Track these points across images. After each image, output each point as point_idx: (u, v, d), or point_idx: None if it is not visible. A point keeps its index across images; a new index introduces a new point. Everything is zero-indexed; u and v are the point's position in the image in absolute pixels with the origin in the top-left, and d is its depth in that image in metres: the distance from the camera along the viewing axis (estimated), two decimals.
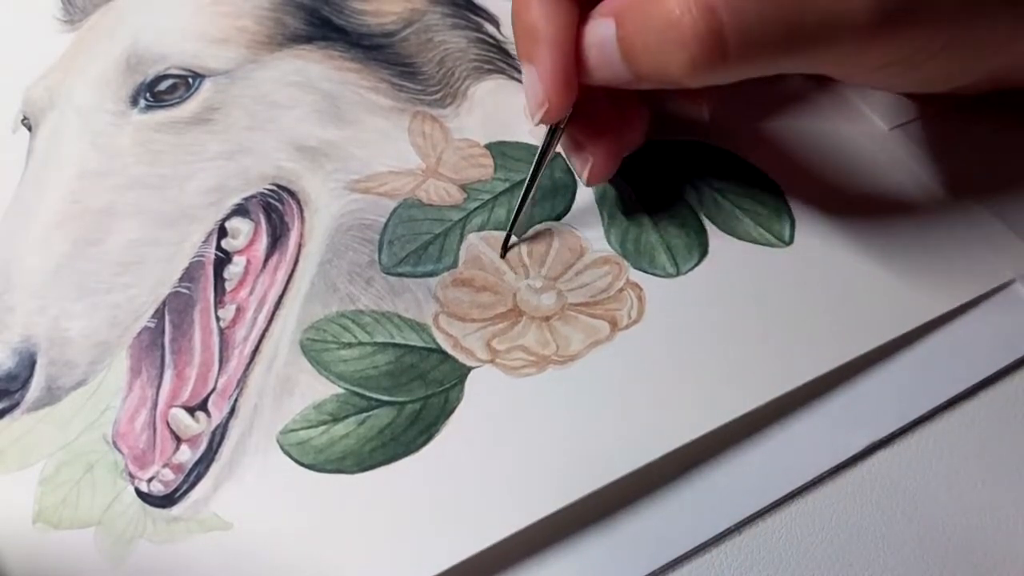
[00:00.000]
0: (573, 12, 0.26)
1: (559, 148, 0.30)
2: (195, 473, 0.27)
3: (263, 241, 0.31)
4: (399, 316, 0.29)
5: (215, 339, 0.29)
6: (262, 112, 0.33)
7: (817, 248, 0.30)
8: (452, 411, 0.28)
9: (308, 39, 0.35)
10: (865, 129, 0.33)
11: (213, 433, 0.28)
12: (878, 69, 0.26)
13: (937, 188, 0.31)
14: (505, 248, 0.30)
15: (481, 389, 0.28)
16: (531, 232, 0.31)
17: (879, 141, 0.33)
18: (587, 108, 0.28)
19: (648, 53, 0.25)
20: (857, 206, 0.31)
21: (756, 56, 0.24)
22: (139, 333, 0.29)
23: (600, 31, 0.26)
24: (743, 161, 0.32)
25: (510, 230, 0.30)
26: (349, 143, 0.33)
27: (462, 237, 0.31)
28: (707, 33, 0.23)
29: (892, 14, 0.24)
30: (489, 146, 0.33)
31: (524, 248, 0.31)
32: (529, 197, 0.30)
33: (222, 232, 0.31)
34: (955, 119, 0.33)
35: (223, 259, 0.31)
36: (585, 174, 0.30)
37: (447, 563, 0.25)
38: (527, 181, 0.30)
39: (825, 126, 0.33)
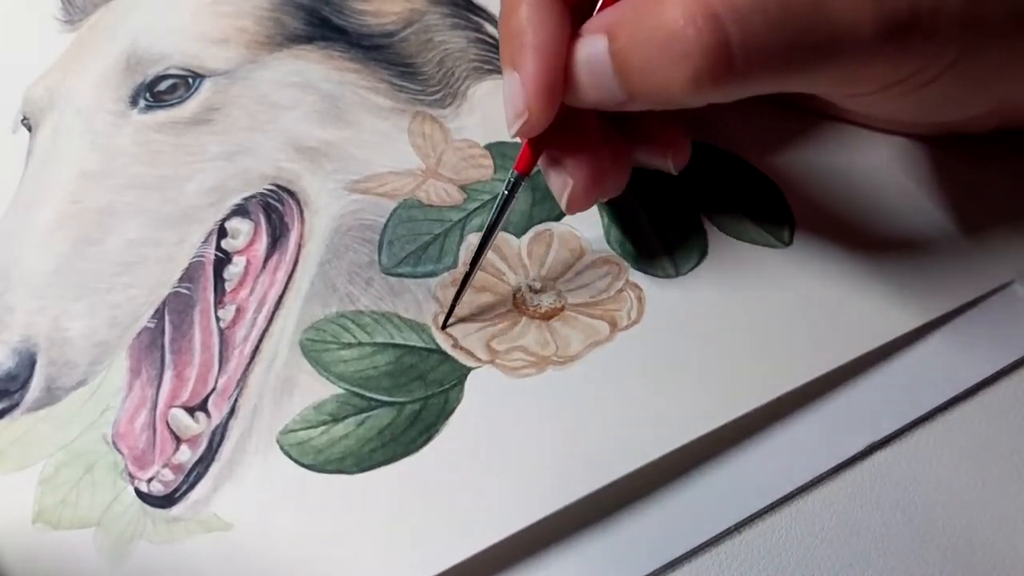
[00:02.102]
0: (565, 22, 0.25)
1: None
2: (195, 473, 0.27)
3: (263, 241, 0.31)
4: (399, 316, 0.29)
5: (215, 339, 0.29)
6: (262, 112, 0.33)
7: (817, 249, 0.30)
8: (452, 412, 0.28)
9: (308, 39, 0.35)
10: (865, 129, 0.33)
11: (213, 433, 0.28)
12: (882, 90, 0.25)
13: (937, 187, 0.31)
14: (445, 323, 0.29)
15: (481, 389, 0.28)
16: (531, 232, 0.31)
17: (879, 141, 0.33)
18: (569, 130, 0.27)
19: (646, 68, 0.24)
20: (856, 207, 0.31)
21: (761, 71, 0.23)
22: (139, 333, 0.29)
23: (591, 47, 0.24)
24: (743, 162, 0.32)
25: (453, 304, 0.29)
26: (349, 143, 0.33)
27: (462, 237, 0.31)
28: (712, 45, 0.22)
29: (898, 25, 0.23)
30: (489, 146, 0.33)
31: (524, 248, 0.31)
32: (477, 267, 0.28)
33: (222, 232, 0.31)
34: None
35: (223, 259, 0.31)
36: (565, 197, 0.27)
37: (447, 563, 0.25)
38: (479, 246, 0.28)
39: (825, 126, 0.33)
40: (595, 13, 0.26)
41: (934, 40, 0.24)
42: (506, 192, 0.28)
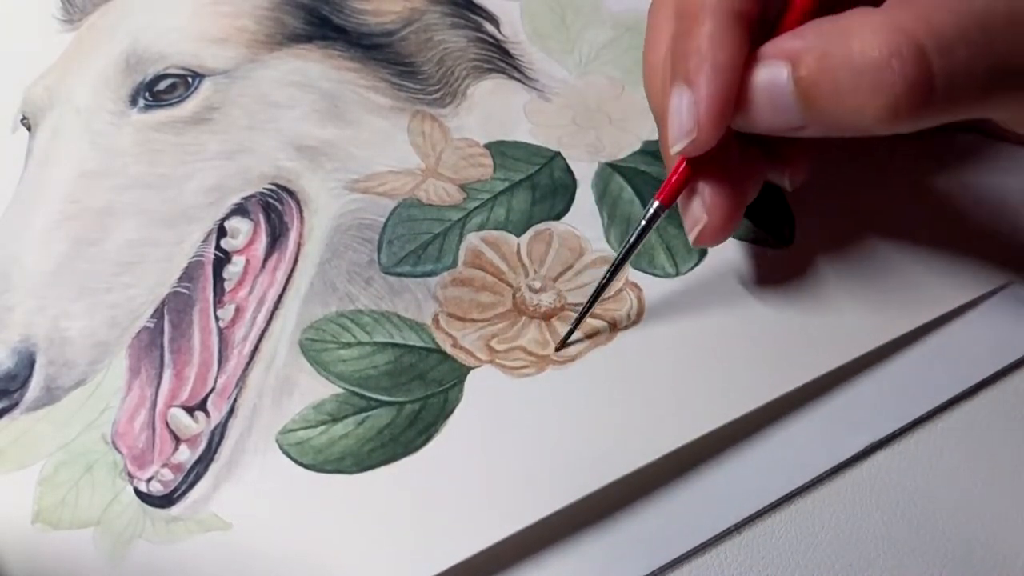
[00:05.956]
0: (745, 43, 0.24)
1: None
2: (194, 473, 0.27)
3: (262, 241, 0.31)
4: (398, 316, 0.29)
5: (214, 339, 0.29)
6: (261, 112, 0.33)
7: (817, 248, 0.30)
8: (451, 411, 0.28)
9: (308, 38, 0.35)
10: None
11: (212, 433, 0.28)
12: None
13: (935, 187, 0.31)
14: (563, 344, 0.28)
15: (480, 389, 0.28)
16: (531, 232, 0.31)
17: (877, 140, 0.33)
18: (715, 161, 0.26)
19: (836, 97, 0.23)
20: (857, 206, 0.31)
21: (959, 101, 0.23)
22: (138, 333, 0.29)
23: (771, 72, 0.24)
24: None
25: (575, 324, 0.28)
26: (349, 143, 0.33)
27: (461, 237, 0.31)
28: (916, 77, 0.22)
29: None
30: (488, 146, 0.33)
31: (524, 248, 0.31)
32: (615, 276, 0.28)
33: (221, 232, 0.31)
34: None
35: (222, 259, 0.31)
36: (695, 232, 0.26)
37: (447, 563, 0.25)
38: (618, 258, 0.27)
39: None
40: (773, 37, 0.25)
41: None
42: (644, 223, 0.27)
